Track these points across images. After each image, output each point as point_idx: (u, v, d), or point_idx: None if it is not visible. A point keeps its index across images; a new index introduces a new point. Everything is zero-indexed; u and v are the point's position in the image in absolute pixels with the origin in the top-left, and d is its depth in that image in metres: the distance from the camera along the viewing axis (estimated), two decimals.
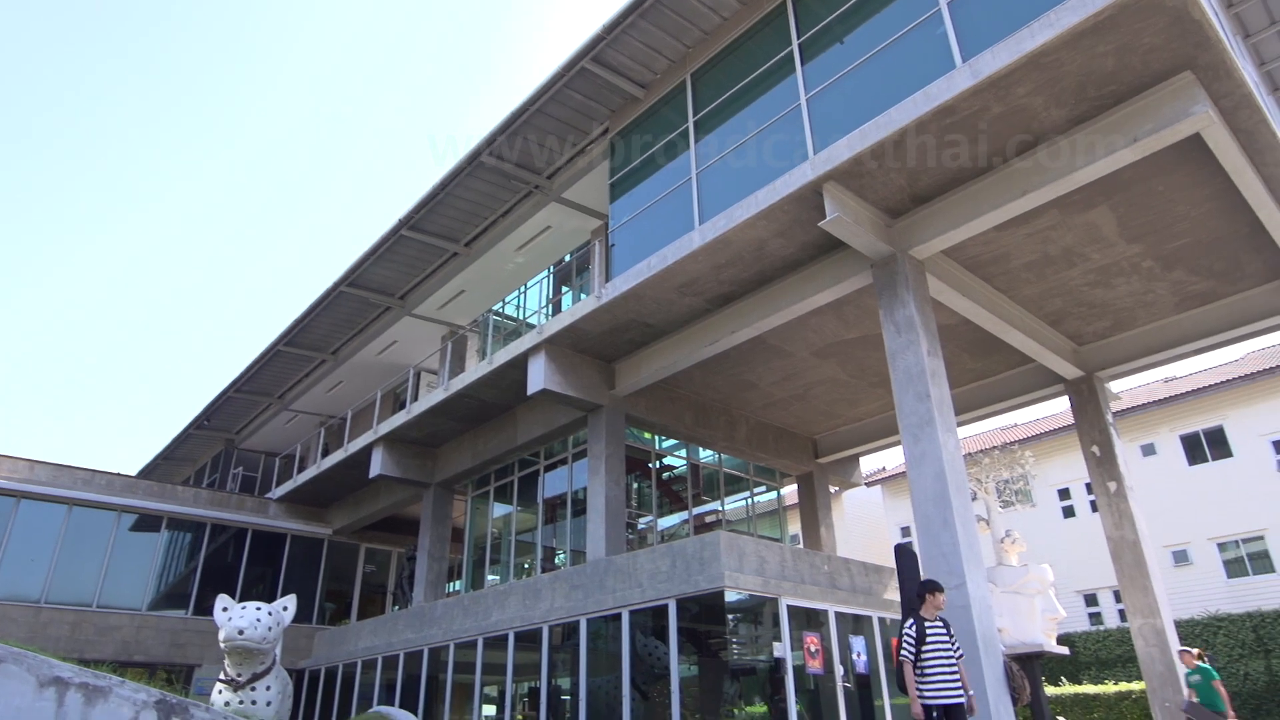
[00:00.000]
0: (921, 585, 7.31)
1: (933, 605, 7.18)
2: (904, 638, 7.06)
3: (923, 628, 7.00)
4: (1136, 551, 12.74)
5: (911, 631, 7.02)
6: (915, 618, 7.06)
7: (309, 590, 21.49)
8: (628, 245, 12.57)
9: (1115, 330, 13.41)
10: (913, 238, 10.17)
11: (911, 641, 6.97)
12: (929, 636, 6.97)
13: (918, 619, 7.06)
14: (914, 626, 7.02)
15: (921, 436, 9.29)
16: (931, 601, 7.20)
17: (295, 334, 19.72)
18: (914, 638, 6.95)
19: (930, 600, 7.20)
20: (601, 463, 13.66)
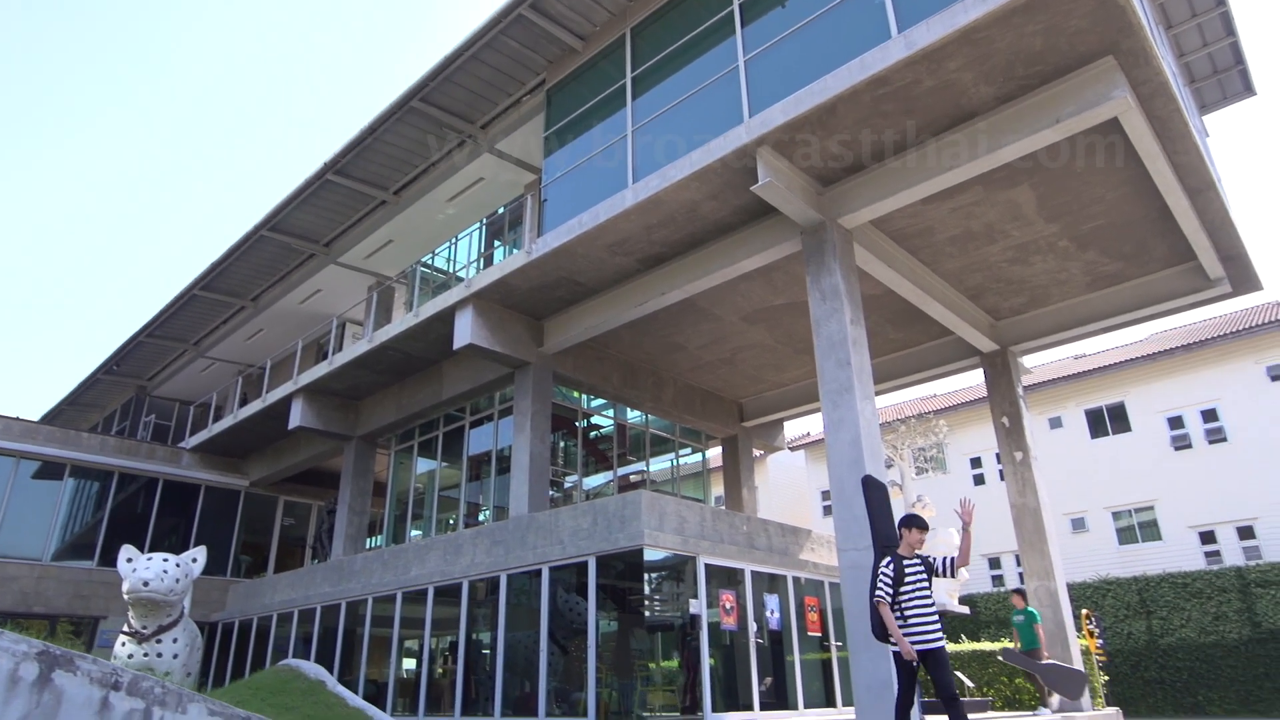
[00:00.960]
0: (902, 520, 6.73)
1: (911, 542, 6.62)
2: (879, 577, 6.47)
3: (901, 567, 6.42)
4: (1037, 518, 13.39)
5: (890, 570, 6.44)
6: (893, 556, 6.52)
7: (223, 542, 20.95)
8: (561, 201, 12.39)
9: (1030, 307, 13.91)
10: (842, 207, 10.29)
11: (888, 581, 6.39)
12: (907, 577, 6.39)
13: (895, 557, 6.51)
14: (892, 565, 6.46)
15: (840, 403, 9.50)
16: (909, 538, 6.64)
17: (212, 278, 18.91)
18: (891, 577, 6.38)
19: (908, 537, 6.65)
20: (527, 419, 13.60)
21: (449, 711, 12.90)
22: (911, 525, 6.67)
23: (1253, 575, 17.15)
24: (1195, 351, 21.73)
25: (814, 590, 13.58)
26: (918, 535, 6.63)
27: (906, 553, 6.55)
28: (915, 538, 6.62)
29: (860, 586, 8.77)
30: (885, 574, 6.45)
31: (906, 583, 6.37)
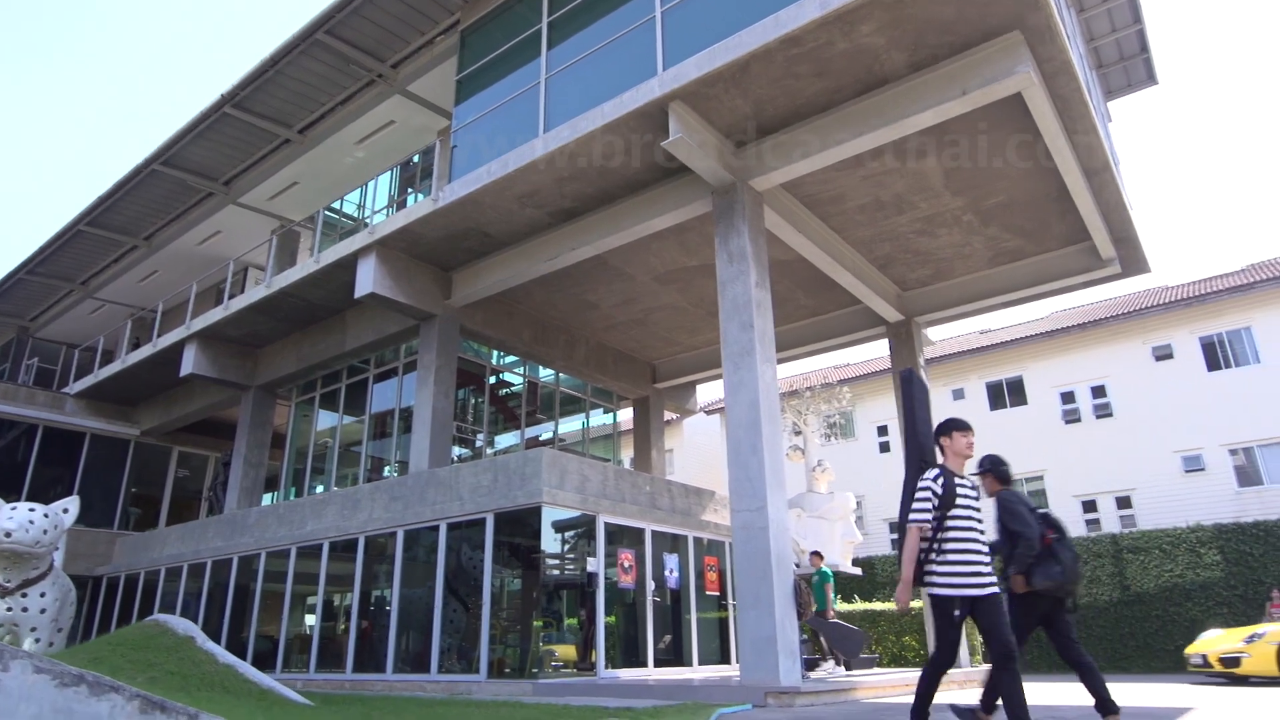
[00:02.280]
0: (941, 426, 4.98)
1: (957, 452, 4.83)
2: (921, 493, 4.66)
3: (952, 484, 4.61)
4: None
5: (936, 485, 4.62)
6: (941, 469, 4.73)
7: (111, 494, 19.94)
8: (471, 149, 11.95)
9: (935, 279, 14.22)
10: (754, 168, 10.22)
11: (932, 499, 4.60)
12: (959, 499, 4.61)
13: (944, 471, 4.71)
14: (941, 480, 4.64)
15: (741, 365, 9.52)
16: (954, 446, 4.84)
17: (99, 213, 17.72)
18: (938, 494, 4.59)
19: (952, 445, 4.84)
20: (431, 373, 13.25)
21: (341, 668, 12.66)
22: (953, 430, 4.87)
23: (1125, 542, 18.21)
24: (1089, 331, 22.73)
25: (715, 550, 13.78)
26: (965, 441, 4.83)
27: (956, 466, 4.78)
28: (963, 444, 4.82)
29: (751, 546, 8.89)
30: (931, 490, 4.63)
31: (958, 505, 4.59)
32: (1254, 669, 10.70)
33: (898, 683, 9.92)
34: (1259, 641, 10.93)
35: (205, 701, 6.40)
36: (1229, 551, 16.56)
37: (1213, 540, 16.83)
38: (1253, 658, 10.73)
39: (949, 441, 4.86)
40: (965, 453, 4.81)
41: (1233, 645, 11.22)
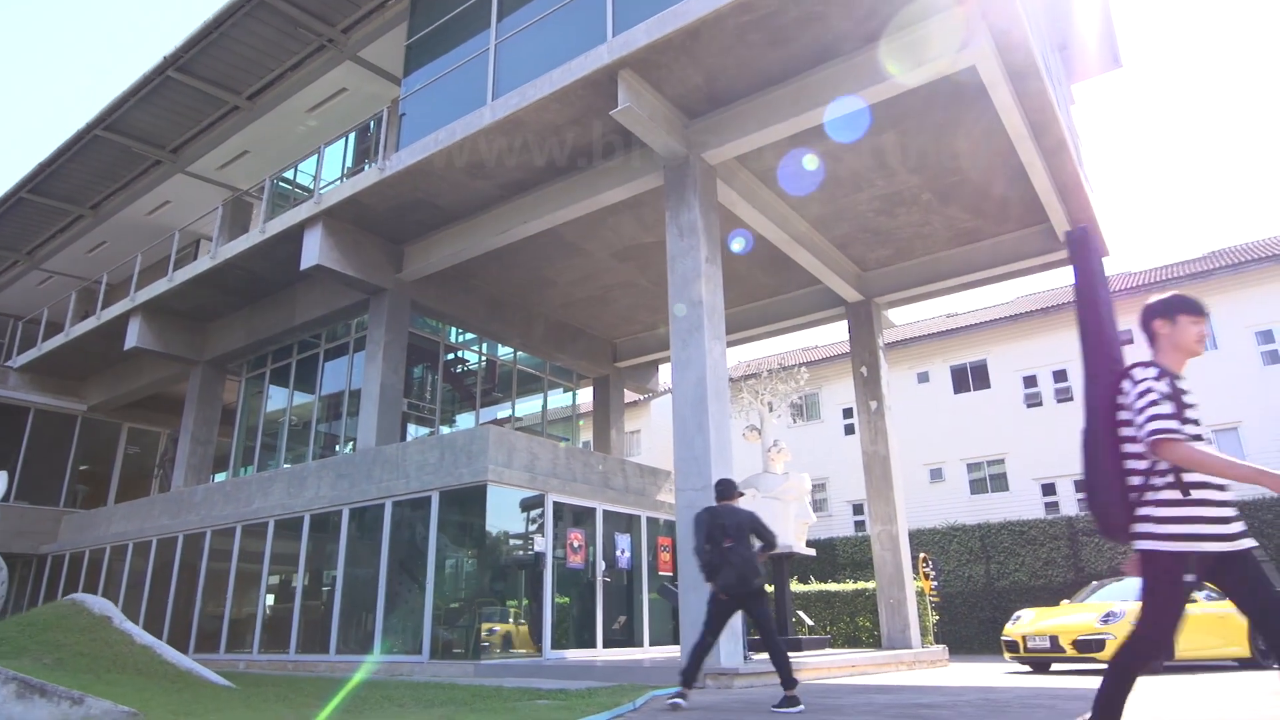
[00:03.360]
0: (1164, 304, 3.16)
1: (1180, 348, 3.12)
2: (1146, 394, 2.96)
3: (1175, 385, 2.98)
4: (885, 465, 13.80)
5: (1164, 387, 2.96)
6: (1157, 366, 3.03)
7: (56, 470, 19.42)
8: (420, 117, 11.59)
9: (895, 259, 14.10)
10: (707, 141, 9.98)
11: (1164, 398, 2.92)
12: (1188, 408, 2.98)
13: (1161, 370, 3.01)
14: (1163, 376, 2.99)
15: (690, 342, 9.33)
16: (1176, 338, 3.12)
17: (42, 180, 17.08)
18: (1169, 398, 2.92)
19: (1174, 334, 3.12)
20: (380, 349, 12.93)
21: (285, 649, 12.40)
22: (1178, 313, 3.14)
23: (1080, 524, 18.37)
24: (1052, 315, 22.83)
25: (670, 531, 13.65)
26: (1196, 331, 3.13)
27: (1175, 365, 3.12)
28: (1193, 335, 3.13)
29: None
30: (1157, 391, 2.97)
31: (1188, 420, 2.97)
32: None
33: (844, 664, 9.86)
34: (1120, 622, 9.05)
35: (111, 684, 6.14)
36: None
37: None
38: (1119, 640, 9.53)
39: (1170, 330, 3.16)
40: (1194, 349, 3.15)
41: (1084, 626, 9.36)
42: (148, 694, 5.82)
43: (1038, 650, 9.82)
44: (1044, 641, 9.73)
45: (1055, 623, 9.88)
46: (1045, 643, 9.72)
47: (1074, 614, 10.01)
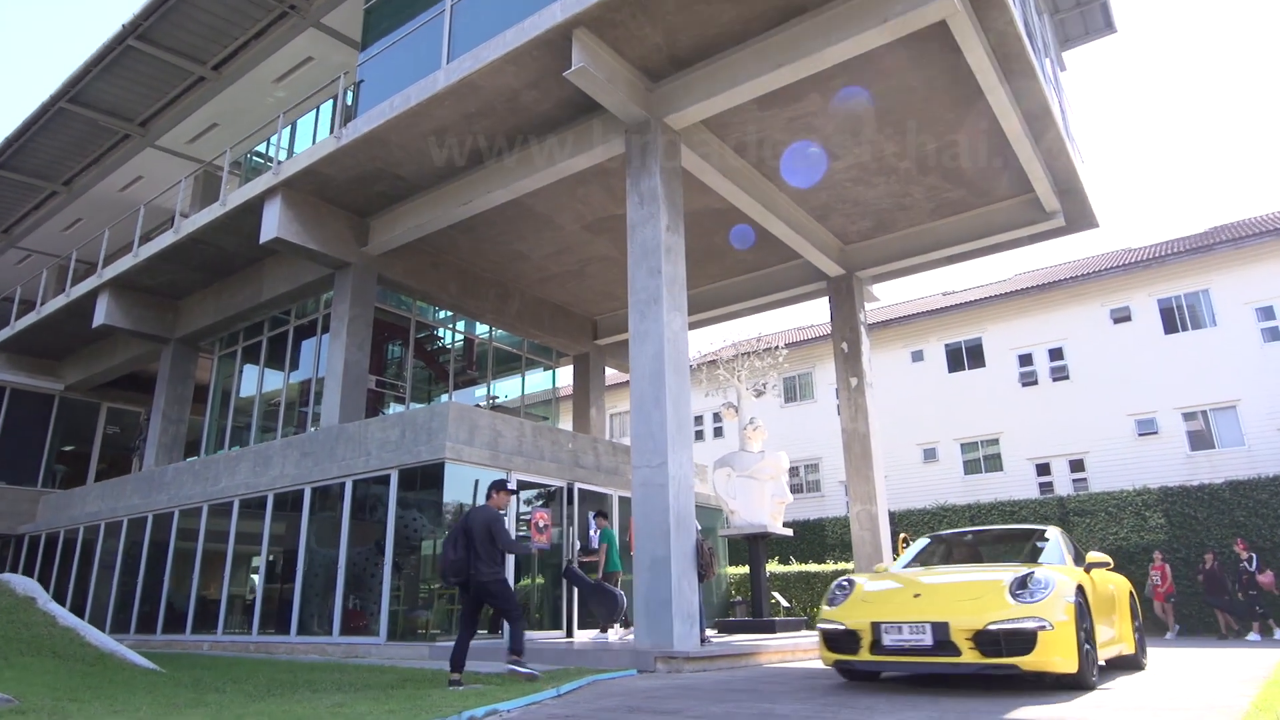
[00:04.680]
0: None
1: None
2: None
3: None
4: (865, 444, 13.45)
5: None
6: None
7: (34, 450, 19.24)
8: (379, 84, 11.21)
9: (877, 231, 13.67)
10: (669, 104, 9.57)
11: None
12: None
13: None
14: None
15: (648, 314, 8.97)
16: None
17: (10, 155, 16.75)
18: None
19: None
20: (344, 325, 12.62)
21: (248, 630, 12.19)
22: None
23: (1072, 504, 18.00)
24: (1048, 292, 22.35)
25: None
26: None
27: None
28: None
29: (650, 505, 8.40)
30: None
31: None
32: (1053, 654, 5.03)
33: (810, 646, 9.56)
34: (1048, 597, 5.22)
35: (18, 667, 5.87)
36: (1174, 515, 16.37)
37: (1158, 503, 16.63)
38: (1058, 636, 5.06)
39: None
40: None
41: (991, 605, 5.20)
42: (51, 676, 5.55)
43: (903, 650, 5.28)
44: (919, 635, 5.22)
45: (932, 602, 5.49)
46: (921, 637, 5.21)
47: (959, 583, 5.78)
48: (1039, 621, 4.93)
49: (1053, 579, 5.23)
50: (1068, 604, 5.09)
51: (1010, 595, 5.14)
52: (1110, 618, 6.27)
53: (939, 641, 5.09)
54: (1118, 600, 6.71)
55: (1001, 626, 4.96)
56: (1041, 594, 5.10)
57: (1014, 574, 5.39)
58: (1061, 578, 5.34)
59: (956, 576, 6.07)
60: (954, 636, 5.04)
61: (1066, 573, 5.56)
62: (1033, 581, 5.21)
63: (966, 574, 6.07)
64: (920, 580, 6.01)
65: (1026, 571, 5.37)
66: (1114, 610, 6.48)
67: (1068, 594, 5.17)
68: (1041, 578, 5.23)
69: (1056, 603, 5.06)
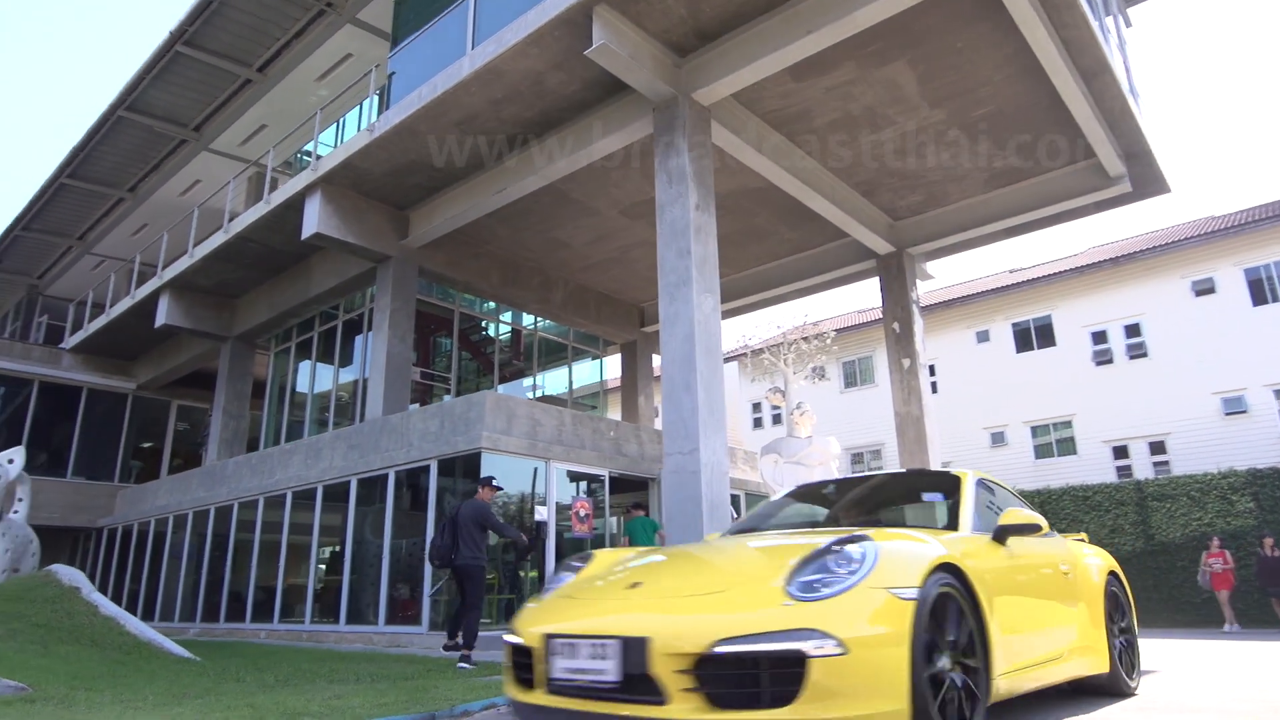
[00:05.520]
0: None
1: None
2: None
3: None
4: (919, 428, 12.91)
5: None
6: None
7: (111, 447, 20.10)
8: (410, 75, 11.17)
9: (928, 205, 13.07)
10: (697, 79, 9.26)
11: None
12: None
13: None
14: None
15: (678, 296, 8.71)
16: None
17: (77, 165, 17.48)
18: None
19: None
20: (386, 317, 12.70)
21: (301, 619, 12.43)
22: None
23: (1150, 489, 16.99)
24: (1123, 266, 21.16)
25: None
26: None
27: None
28: None
29: (682, 493, 8.16)
30: None
31: None
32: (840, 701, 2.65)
33: None
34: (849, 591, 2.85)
35: (54, 656, 6.01)
36: (1264, 498, 15.29)
37: (1246, 486, 15.55)
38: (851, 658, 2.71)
39: None
40: None
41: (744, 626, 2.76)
42: (79, 665, 5.66)
43: (576, 688, 2.93)
44: (600, 662, 2.85)
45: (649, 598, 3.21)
46: (602, 666, 2.84)
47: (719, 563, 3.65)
48: (813, 638, 2.60)
49: (877, 554, 2.91)
50: (889, 603, 2.77)
51: (787, 587, 2.83)
52: (1044, 619, 3.91)
53: (630, 676, 2.73)
54: (1073, 590, 4.26)
55: (741, 649, 2.63)
56: (838, 583, 2.79)
57: (814, 547, 3.06)
58: (905, 552, 3.04)
59: (731, 552, 3.75)
60: (656, 667, 2.67)
61: (936, 544, 3.17)
62: (836, 559, 2.92)
63: (758, 544, 3.79)
64: (654, 562, 3.67)
65: (834, 541, 3.04)
66: (1059, 606, 4.08)
67: (900, 582, 2.84)
68: (857, 551, 2.93)
69: (861, 601, 2.74)
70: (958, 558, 3.16)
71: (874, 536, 3.04)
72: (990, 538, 3.73)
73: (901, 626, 2.73)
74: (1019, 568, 3.78)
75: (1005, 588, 3.52)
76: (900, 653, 2.70)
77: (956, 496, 4.03)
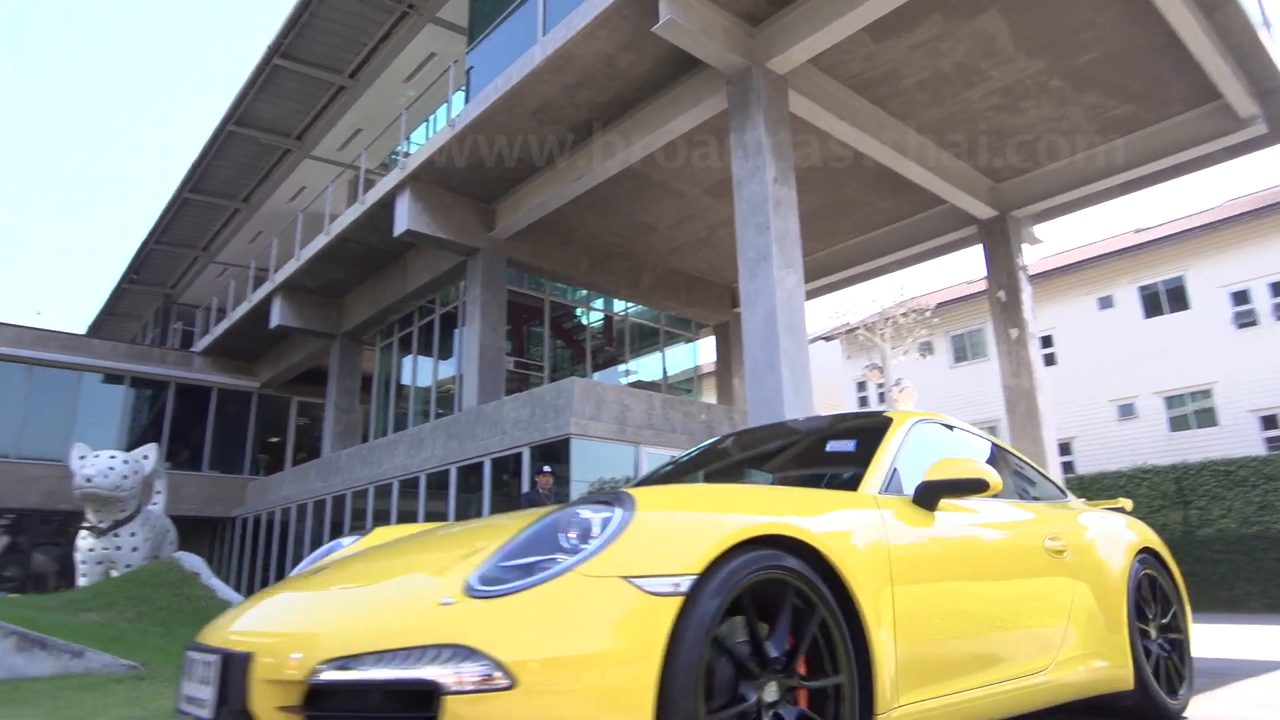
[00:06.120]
0: None
1: None
2: None
3: None
4: (1030, 401, 12.15)
5: None
6: None
7: (239, 443, 21.51)
8: (487, 69, 11.32)
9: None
10: (770, 48, 8.94)
11: None
12: None
13: None
14: None
15: (758, 273, 8.47)
16: None
17: (197, 180, 18.69)
18: None
19: None
20: (477, 309, 12.97)
21: None
22: None
23: None
24: (1264, 218, 19.27)
25: None
26: None
27: None
28: None
29: None
30: None
31: None
32: None
33: None
34: None
35: (173, 637, 6.42)
36: None
37: None
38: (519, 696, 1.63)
39: None
40: None
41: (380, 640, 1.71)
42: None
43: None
44: (205, 686, 1.89)
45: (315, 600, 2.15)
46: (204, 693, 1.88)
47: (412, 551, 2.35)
48: (462, 660, 1.62)
49: (625, 523, 1.87)
50: (622, 601, 1.73)
51: (472, 574, 1.82)
52: (1001, 617, 2.78)
53: (227, 705, 1.81)
54: (1070, 575, 3.13)
55: (355, 676, 1.67)
56: (544, 570, 1.78)
57: (523, 524, 2.02)
58: (685, 522, 1.98)
59: (482, 526, 2.45)
60: (255, 701, 1.76)
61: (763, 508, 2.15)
62: (567, 530, 1.89)
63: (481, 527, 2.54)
64: (394, 541, 2.74)
65: (545, 518, 1.98)
66: (1036, 598, 2.98)
67: (653, 568, 1.79)
68: (599, 517, 1.91)
69: (565, 597, 1.73)
70: (807, 530, 2.07)
71: (640, 496, 1.95)
72: (911, 499, 2.62)
73: (645, 641, 1.68)
74: (955, 542, 2.65)
75: (920, 572, 2.40)
76: (638, 683, 1.64)
77: (873, 445, 2.85)
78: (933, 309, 13.05)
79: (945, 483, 2.60)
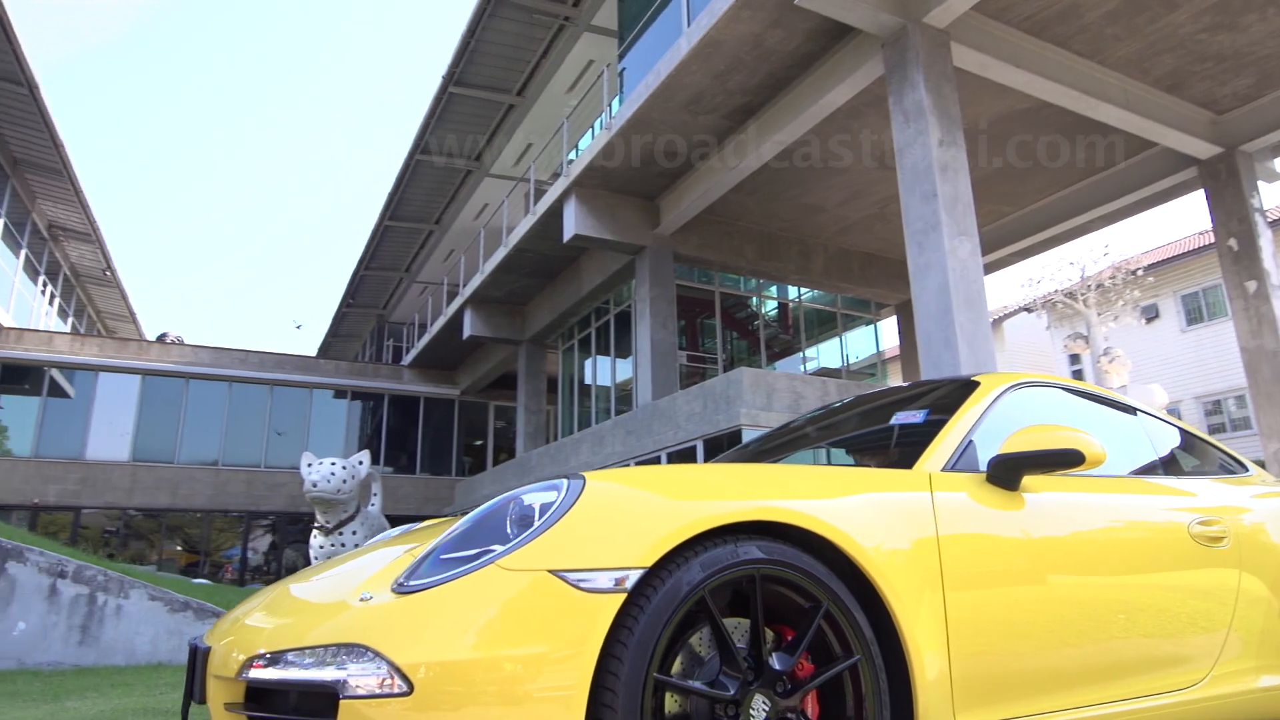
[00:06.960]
0: None
1: None
2: None
3: None
4: (1276, 364, 10.47)
5: None
6: None
7: (445, 447, 23.24)
8: (638, 68, 11.44)
9: (1262, 88, 10.54)
10: (926, 1, 8.31)
11: None
12: None
13: None
14: None
15: (926, 244, 7.91)
16: None
17: (395, 208, 20.35)
18: None
19: None
20: (646, 306, 13.13)
21: None
22: None
23: None
24: None
25: None
26: None
27: None
28: None
29: None
30: None
31: None
32: None
33: None
34: None
35: None
36: None
37: None
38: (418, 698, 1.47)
39: None
40: None
41: (306, 636, 1.63)
42: None
43: None
44: None
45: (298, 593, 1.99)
46: None
47: None
48: (364, 661, 1.47)
49: (568, 506, 1.62)
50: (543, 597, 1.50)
51: (413, 565, 1.66)
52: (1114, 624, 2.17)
53: (193, 698, 1.85)
54: (1233, 567, 2.49)
55: (277, 675, 1.57)
56: (469, 562, 1.58)
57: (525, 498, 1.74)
58: (639, 504, 1.66)
59: None
60: (211, 696, 1.77)
61: (749, 491, 1.80)
62: (510, 515, 1.67)
63: None
64: (420, 528, 2.65)
65: (489, 504, 1.77)
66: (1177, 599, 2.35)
67: (587, 561, 1.53)
68: (540, 501, 1.68)
69: (477, 593, 1.51)
70: (812, 516, 1.73)
71: (593, 477, 1.72)
72: (984, 477, 2.14)
73: (572, 647, 1.45)
74: (1045, 528, 2.13)
75: (987, 567, 1.96)
76: (561, 699, 1.43)
77: (947, 414, 2.36)
78: (1145, 268, 11.54)
79: (1024, 455, 2.09)
